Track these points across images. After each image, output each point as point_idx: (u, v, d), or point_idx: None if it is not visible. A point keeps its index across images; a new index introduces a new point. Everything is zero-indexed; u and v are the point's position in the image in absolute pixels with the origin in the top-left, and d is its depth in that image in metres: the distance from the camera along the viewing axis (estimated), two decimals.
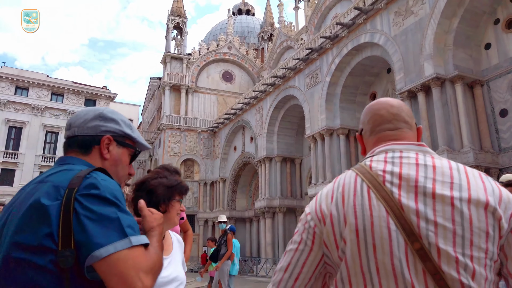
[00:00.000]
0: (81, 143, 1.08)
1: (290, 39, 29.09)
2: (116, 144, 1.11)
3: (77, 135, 1.08)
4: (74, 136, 1.09)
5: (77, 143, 1.08)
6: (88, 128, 1.08)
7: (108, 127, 1.10)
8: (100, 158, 1.09)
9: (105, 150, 1.09)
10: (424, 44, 13.03)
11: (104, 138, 1.09)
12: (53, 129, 41.11)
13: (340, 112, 17.69)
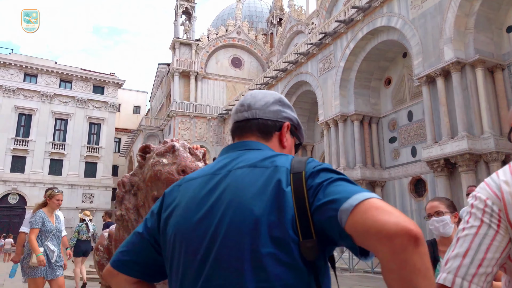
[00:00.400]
0: (262, 127, 0.97)
1: (300, 23, 28.63)
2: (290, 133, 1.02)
3: (258, 118, 0.98)
4: (254, 118, 0.98)
5: (257, 126, 0.98)
6: (270, 112, 0.99)
7: (288, 113, 1.02)
8: (279, 146, 0.99)
9: (285, 138, 0.99)
10: (444, 27, 12.69)
11: (286, 125, 1.00)
12: (62, 116, 41.22)
13: (354, 98, 17.45)
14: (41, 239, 4.34)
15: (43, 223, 4.33)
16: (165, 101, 36.56)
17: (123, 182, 2.02)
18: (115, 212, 2.02)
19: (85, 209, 40.35)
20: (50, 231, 4.40)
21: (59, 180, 39.42)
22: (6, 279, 9.52)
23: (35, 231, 4.27)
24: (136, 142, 35.32)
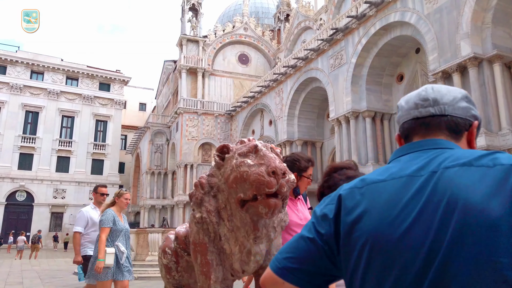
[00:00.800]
0: (453, 125, 0.86)
1: (308, 19, 28.41)
2: None
3: (448, 114, 0.85)
4: (443, 115, 0.85)
5: (447, 124, 0.86)
6: (459, 109, 0.86)
7: (475, 111, 0.89)
8: (468, 147, 0.88)
9: (474, 138, 0.88)
10: (460, 22, 12.48)
11: (475, 124, 0.88)
12: (69, 114, 41.26)
13: (366, 94, 17.27)
14: (112, 239, 4.21)
15: (114, 222, 4.20)
16: (171, 98, 36.49)
17: (201, 183, 1.91)
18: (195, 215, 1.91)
19: None
20: (120, 230, 4.28)
21: (66, 177, 39.53)
22: (21, 276, 9.50)
23: (106, 230, 4.12)
24: (143, 140, 35.32)
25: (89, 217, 4.72)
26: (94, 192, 4.98)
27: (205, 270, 1.79)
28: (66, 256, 24.06)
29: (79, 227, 4.71)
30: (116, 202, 4.38)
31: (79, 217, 4.76)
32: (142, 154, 34.85)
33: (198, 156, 29.11)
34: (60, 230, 37.82)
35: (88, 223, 4.72)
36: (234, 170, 1.72)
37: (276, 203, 1.67)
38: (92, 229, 4.74)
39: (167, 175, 32.40)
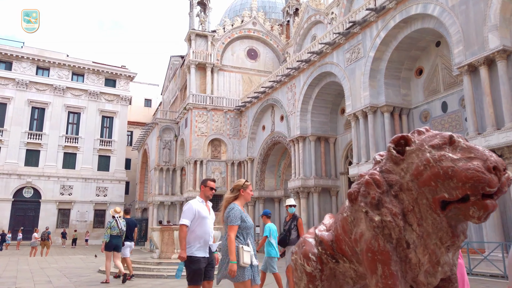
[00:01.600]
0: None
1: (319, 13, 28.02)
2: None
3: None
4: None
5: None
6: None
7: None
8: None
9: None
10: (488, 14, 12.16)
11: None
12: (75, 110, 41.05)
13: (384, 88, 16.96)
14: (243, 237, 3.81)
15: (242, 218, 3.81)
16: (179, 94, 36.20)
17: (377, 180, 1.64)
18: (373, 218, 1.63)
19: (99, 203, 40.43)
20: (249, 227, 3.88)
21: (72, 173, 39.37)
22: (33, 273, 9.29)
23: (235, 228, 3.72)
24: (150, 136, 35.08)
25: (197, 211, 4.33)
26: (202, 185, 4.56)
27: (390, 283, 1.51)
28: (76, 253, 23.90)
29: (186, 219, 4.31)
30: (240, 195, 3.94)
31: (187, 209, 4.37)
32: (150, 150, 34.62)
33: (207, 152, 28.87)
34: (67, 226, 37.70)
35: (195, 216, 4.33)
36: (431, 166, 1.46)
37: (494, 205, 1.40)
38: (197, 224, 4.36)
39: (176, 171, 32.18)
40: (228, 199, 3.94)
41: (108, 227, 9.20)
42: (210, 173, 28.75)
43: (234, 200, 3.91)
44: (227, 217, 3.77)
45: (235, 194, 3.95)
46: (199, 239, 4.27)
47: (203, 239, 4.30)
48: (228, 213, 3.79)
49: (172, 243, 10.58)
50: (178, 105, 35.85)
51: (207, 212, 4.42)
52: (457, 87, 15.25)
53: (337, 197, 21.98)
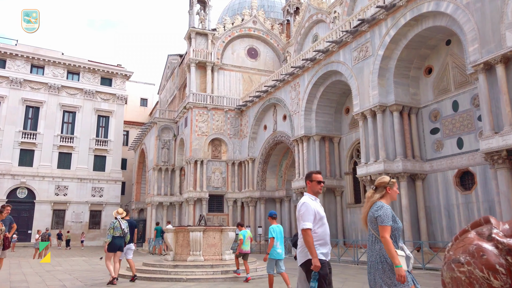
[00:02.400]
0: None
1: (321, 12, 27.81)
2: None
3: None
4: None
5: None
6: None
7: None
8: None
9: None
10: (505, 11, 12.00)
11: None
12: (70, 109, 40.33)
13: (394, 87, 16.76)
14: (395, 240, 3.41)
15: (394, 218, 3.42)
16: (177, 93, 35.74)
17: None
18: None
19: (94, 203, 39.77)
20: (400, 228, 3.50)
21: (68, 174, 38.64)
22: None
23: (388, 228, 3.28)
24: (148, 135, 34.56)
25: (316, 211, 3.88)
26: (308, 180, 4.11)
27: None
28: (75, 255, 23.33)
29: (308, 222, 3.80)
30: (386, 194, 3.53)
31: (305, 210, 3.84)
32: (148, 150, 34.09)
33: (208, 152, 28.47)
34: (62, 227, 36.96)
35: (315, 217, 3.86)
36: None
37: None
38: (318, 224, 3.89)
39: (175, 171, 31.72)
40: (372, 198, 3.52)
41: (111, 228, 9.13)
42: (210, 173, 28.36)
43: (380, 199, 3.50)
44: (377, 216, 3.34)
45: (381, 192, 3.53)
46: (321, 241, 3.84)
47: (324, 241, 3.87)
48: (377, 213, 3.36)
49: (187, 245, 10.21)
50: (176, 105, 35.38)
51: (323, 210, 4.01)
52: (468, 86, 15.09)
53: (342, 197, 21.75)
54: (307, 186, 4.13)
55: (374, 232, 3.34)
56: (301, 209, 3.88)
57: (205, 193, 27.51)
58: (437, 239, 15.60)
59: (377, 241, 3.31)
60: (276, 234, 7.93)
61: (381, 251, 3.27)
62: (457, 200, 15.09)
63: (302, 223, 3.80)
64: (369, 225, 3.40)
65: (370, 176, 16.78)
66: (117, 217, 9.31)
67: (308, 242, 3.71)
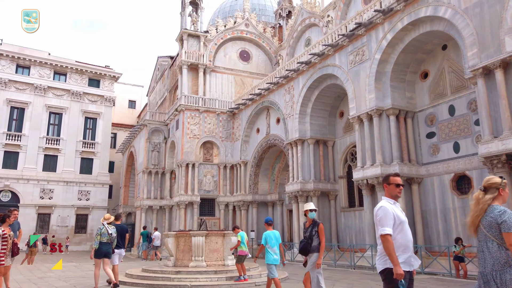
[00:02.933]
0: None
1: (314, 16, 27.87)
2: None
3: None
4: None
5: None
6: None
7: None
8: None
9: None
10: (505, 17, 12.11)
11: None
12: (57, 110, 39.46)
13: (391, 91, 16.79)
14: None
15: None
16: (167, 95, 35.30)
17: None
18: None
19: (81, 207, 38.89)
20: None
21: (53, 176, 37.71)
22: None
23: None
24: (138, 137, 34.00)
25: (395, 215, 3.61)
26: (385, 183, 3.85)
27: None
28: (63, 260, 22.64)
29: (388, 227, 3.52)
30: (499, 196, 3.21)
31: (383, 215, 3.57)
32: (138, 153, 33.51)
33: (199, 155, 28.12)
34: (47, 232, 36.00)
35: (395, 221, 3.58)
36: None
37: None
38: (398, 230, 3.56)
39: (165, 174, 31.24)
40: (484, 199, 3.17)
41: (98, 234, 9.01)
42: (202, 176, 28.01)
43: (492, 201, 3.18)
44: (501, 222, 2.99)
45: (493, 194, 3.19)
46: (402, 249, 3.55)
47: (406, 248, 3.58)
48: (501, 218, 3.01)
49: (188, 250, 9.90)
50: (166, 107, 34.93)
51: (404, 214, 3.74)
52: (465, 91, 15.20)
53: (336, 201, 21.68)
54: (385, 190, 3.90)
55: (495, 239, 3.03)
56: (378, 213, 3.62)
57: (196, 197, 27.13)
58: (433, 243, 15.61)
59: (501, 249, 3.00)
60: (271, 240, 8.04)
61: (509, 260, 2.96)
62: (453, 204, 15.14)
63: (380, 229, 3.54)
64: (487, 230, 3.08)
65: (367, 179, 16.74)
66: (104, 223, 9.22)
67: (388, 248, 3.44)
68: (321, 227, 7.05)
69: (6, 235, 7.11)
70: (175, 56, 34.23)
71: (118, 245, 9.55)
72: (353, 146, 20.95)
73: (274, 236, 8.11)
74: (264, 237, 8.08)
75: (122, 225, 10.18)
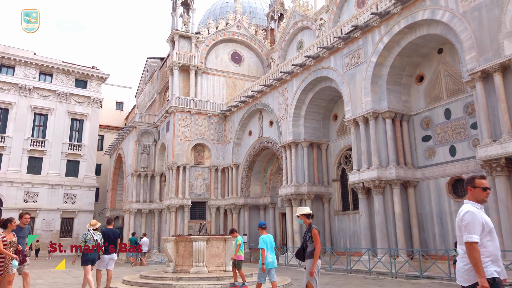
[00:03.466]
0: None
1: (306, 19, 27.82)
2: None
3: None
4: None
5: None
6: None
7: None
8: None
9: None
10: (503, 20, 12.17)
11: None
12: (42, 111, 38.52)
13: (387, 94, 16.76)
14: None
15: None
16: (157, 97, 34.79)
17: None
18: None
19: (66, 211, 37.89)
20: None
21: (38, 179, 36.74)
22: None
23: None
24: (126, 139, 33.36)
25: (484, 221, 3.36)
26: (470, 186, 3.60)
27: None
28: (48, 266, 21.92)
29: (475, 235, 3.26)
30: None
31: (471, 220, 3.32)
32: (127, 155, 32.85)
33: (190, 157, 27.71)
34: None
35: (483, 228, 3.31)
36: None
37: None
38: (488, 237, 3.32)
39: (155, 177, 30.69)
40: None
41: (83, 241, 8.86)
42: (193, 179, 27.58)
43: None
44: None
45: None
46: (492, 257, 3.30)
47: (495, 257, 3.33)
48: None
49: (189, 256, 9.55)
50: (156, 108, 34.41)
51: (490, 220, 3.48)
52: (461, 94, 15.26)
53: (329, 204, 21.55)
54: (469, 193, 3.65)
55: None
56: (465, 218, 3.35)
57: (187, 200, 26.69)
58: (429, 246, 15.58)
59: None
60: (266, 244, 8.13)
61: None
62: (450, 207, 15.14)
63: (466, 235, 3.27)
64: None
65: (363, 183, 16.64)
66: (90, 229, 9.04)
67: (474, 258, 3.18)
68: (315, 232, 6.77)
69: (6, 242, 6.71)
70: (165, 57, 33.78)
71: (110, 250, 9.33)
72: (347, 149, 20.88)
73: (269, 240, 8.25)
74: (262, 240, 8.15)
75: (114, 229, 9.96)
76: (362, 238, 16.98)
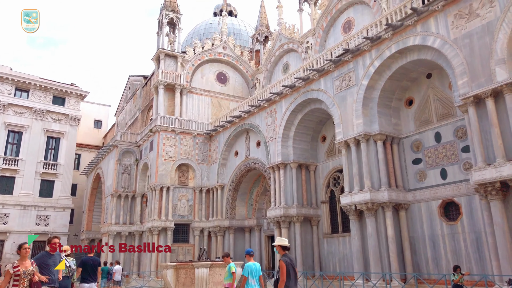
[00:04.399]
0: None
1: (292, 41, 28.15)
2: None
3: None
4: None
5: None
6: None
7: None
8: None
9: None
10: (494, 48, 12.56)
11: None
12: (17, 128, 37.01)
13: (378, 117, 16.92)
14: None
15: None
16: (139, 115, 34.10)
17: None
18: None
19: (39, 233, 36.09)
20: None
21: (9, 200, 34.94)
22: None
23: None
24: (106, 159, 32.33)
25: None
26: None
27: None
28: None
29: None
30: None
31: None
32: (106, 175, 31.77)
33: (174, 177, 27.04)
34: (0, 260, 32.90)
35: None
36: None
37: None
38: None
39: (135, 198, 29.72)
40: None
41: None
42: (176, 200, 26.84)
43: None
44: None
45: None
46: None
47: None
48: None
49: (190, 283, 9.00)
50: (138, 127, 33.67)
51: None
52: (451, 118, 15.55)
53: (318, 226, 21.31)
54: None
55: None
56: None
57: (170, 222, 25.86)
58: (422, 270, 15.50)
59: None
60: (251, 272, 7.98)
61: None
62: (442, 230, 15.18)
63: None
64: None
65: (355, 205, 16.53)
66: (62, 255, 8.34)
67: None
68: (281, 264, 6.77)
69: (18, 271, 5.91)
70: (149, 76, 33.34)
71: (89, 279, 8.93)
72: (335, 171, 20.85)
73: (255, 268, 8.08)
74: (246, 268, 8.02)
75: (94, 258, 9.48)
76: (354, 262, 16.74)
